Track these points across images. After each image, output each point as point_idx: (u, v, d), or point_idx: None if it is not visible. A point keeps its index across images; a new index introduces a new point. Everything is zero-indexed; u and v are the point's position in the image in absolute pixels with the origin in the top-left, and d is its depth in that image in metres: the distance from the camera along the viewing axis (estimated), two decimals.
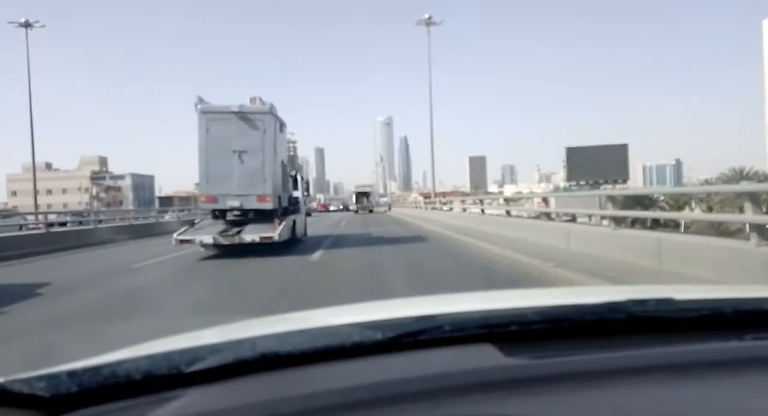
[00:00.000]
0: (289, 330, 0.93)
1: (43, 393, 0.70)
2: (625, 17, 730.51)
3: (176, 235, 11.42)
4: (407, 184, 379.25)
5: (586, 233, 9.46)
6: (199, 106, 11.57)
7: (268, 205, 11.65)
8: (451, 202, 26.47)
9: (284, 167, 13.22)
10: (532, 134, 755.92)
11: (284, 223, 11.70)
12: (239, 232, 11.25)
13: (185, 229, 11.82)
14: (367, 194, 60.37)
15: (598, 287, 4.78)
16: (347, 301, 1.41)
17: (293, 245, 12.67)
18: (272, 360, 0.78)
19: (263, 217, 11.76)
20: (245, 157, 11.42)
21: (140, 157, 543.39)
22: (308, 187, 18.14)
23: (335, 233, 19.05)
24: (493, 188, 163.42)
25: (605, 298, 0.98)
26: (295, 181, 15.17)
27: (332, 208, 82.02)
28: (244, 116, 11.54)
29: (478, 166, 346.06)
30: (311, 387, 0.73)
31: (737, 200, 10.08)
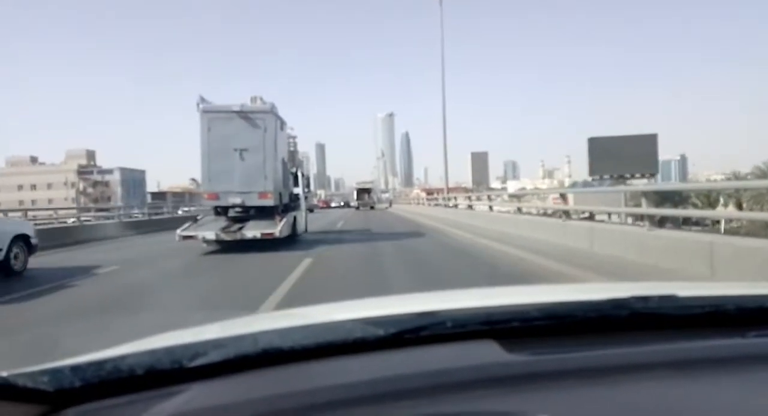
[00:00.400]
0: (291, 325, 0.93)
1: (46, 387, 0.70)
2: (625, 17, 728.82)
3: (180, 231, 11.51)
4: (408, 180, 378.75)
5: (613, 234, 8.31)
6: (201, 105, 11.65)
7: (269, 202, 11.75)
8: (455, 198, 25.78)
9: (285, 165, 13.30)
10: (534, 130, 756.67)
11: (285, 219, 11.82)
12: (241, 228, 11.36)
13: (188, 225, 11.92)
14: (368, 191, 60.32)
15: (601, 284, 4.77)
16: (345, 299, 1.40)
17: (293, 241, 12.76)
18: (274, 355, 0.78)
19: (264, 213, 11.92)
20: (246, 155, 11.51)
21: (141, 154, 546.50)
22: (309, 183, 18.17)
23: (336, 229, 19.02)
24: (495, 184, 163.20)
25: (608, 295, 0.98)
26: (295, 178, 15.28)
27: (333, 204, 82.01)
28: (245, 115, 11.62)
29: (480, 162, 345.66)
30: (313, 382, 0.73)
31: None
